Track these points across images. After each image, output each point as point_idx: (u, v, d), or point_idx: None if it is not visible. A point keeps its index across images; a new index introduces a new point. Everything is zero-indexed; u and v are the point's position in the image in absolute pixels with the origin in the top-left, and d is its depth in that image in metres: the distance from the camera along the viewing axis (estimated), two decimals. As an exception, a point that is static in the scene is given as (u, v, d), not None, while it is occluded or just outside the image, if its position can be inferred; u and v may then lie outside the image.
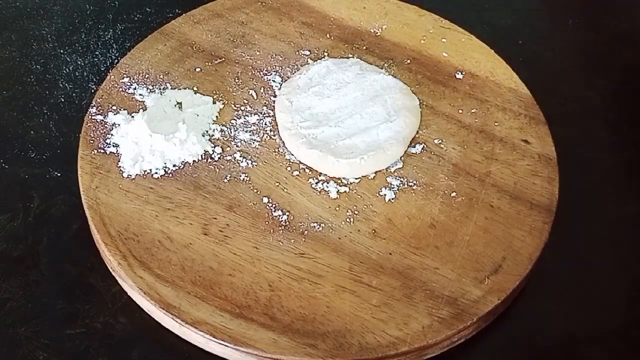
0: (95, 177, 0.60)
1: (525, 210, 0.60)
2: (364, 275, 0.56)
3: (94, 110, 0.65)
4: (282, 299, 0.54)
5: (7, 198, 0.63)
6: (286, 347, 0.52)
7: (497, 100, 0.68)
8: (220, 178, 0.61)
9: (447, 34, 0.74)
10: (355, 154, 0.62)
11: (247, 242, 0.57)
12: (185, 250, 0.57)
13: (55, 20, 0.77)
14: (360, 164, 0.61)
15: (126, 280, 0.55)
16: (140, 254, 0.56)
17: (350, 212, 0.60)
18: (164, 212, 0.59)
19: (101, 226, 0.57)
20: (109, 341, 0.55)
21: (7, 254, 0.60)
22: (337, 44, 0.72)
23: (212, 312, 0.53)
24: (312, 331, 0.53)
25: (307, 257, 0.57)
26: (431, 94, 0.68)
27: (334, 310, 0.54)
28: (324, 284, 0.55)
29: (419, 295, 0.55)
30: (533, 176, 0.63)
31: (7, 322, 0.56)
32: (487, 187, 0.62)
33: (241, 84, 0.68)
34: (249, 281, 0.55)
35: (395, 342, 0.53)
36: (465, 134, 0.65)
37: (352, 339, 0.53)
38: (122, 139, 0.63)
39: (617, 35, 0.81)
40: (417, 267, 0.57)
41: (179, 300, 0.54)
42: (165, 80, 0.68)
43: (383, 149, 0.62)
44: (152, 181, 0.61)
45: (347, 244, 0.58)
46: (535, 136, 0.66)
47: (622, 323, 0.59)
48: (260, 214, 0.59)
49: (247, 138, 0.64)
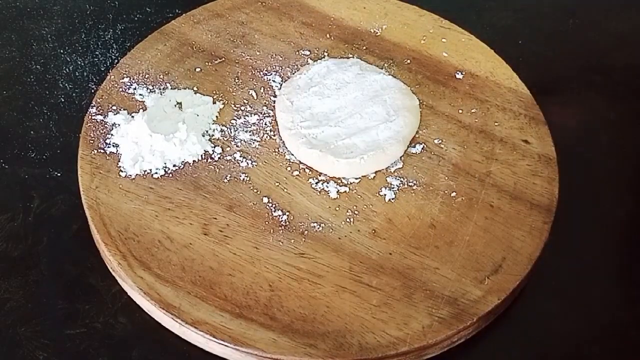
0: (95, 177, 0.60)
1: (525, 210, 0.60)
2: (364, 275, 0.56)
3: (94, 110, 0.65)
4: (282, 299, 0.54)
5: (7, 198, 0.63)
6: (286, 347, 0.52)
7: (497, 100, 0.68)
8: (220, 178, 0.61)
9: (447, 34, 0.74)
10: (355, 153, 0.62)
11: (247, 242, 0.57)
12: (185, 250, 0.57)
13: (55, 20, 0.77)
14: (359, 163, 0.61)
15: (126, 280, 0.55)
16: (140, 254, 0.56)
17: (350, 212, 0.60)
18: (164, 212, 0.59)
19: (101, 226, 0.57)
20: (109, 341, 0.55)
21: (7, 254, 0.60)
22: (337, 44, 0.72)
23: (212, 312, 0.53)
24: (312, 331, 0.53)
25: (307, 257, 0.57)
26: (431, 94, 0.68)
27: (334, 310, 0.54)
28: (324, 284, 0.55)
29: (419, 295, 0.55)
30: (533, 176, 0.63)
31: (7, 322, 0.56)
32: (487, 187, 0.62)
33: (241, 84, 0.68)
34: (249, 281, 0.55)
35: (395, 342, 0.53)
36: (465, 134, 0.65)
37: (352, 339, 0.53)
38: (122, 139, 0.63)
39: (617, 35, 0.81)
40: (417, 267, 0.57)
41: (179, 300, 0.54)
42: (165, 80, 0.68)
43: (382, 149, 0.62)
44: (152, 181, 0.61)
45: (347, 244, 0.58)
46: (536, 136, 0.66)
47: (622, 323, 0.59)
48: (260, 214, 0.59)
49: (247, 138, 0.64)
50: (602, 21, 0.83)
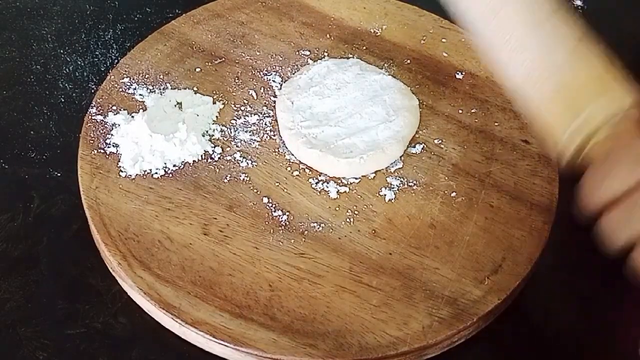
0: (95, 177, 0.60)
1: (525, 210, 0.60)
2: (364, 275, 0.56)
3: (94, 110, 0.65)
4: (282, 299, 0.54)
5: (7, 198, 0.63)
6: (286, 347, 0.52)
7: (497, 100, 0.68)
8: (220, 178, 0.61)
9: (447, 34, 0.74)
10: (354, 153, 0.62)
11: (247, 242, 0.57)
12: (185, 250, 0.57)
13: (55, 20, 0.77)
14: (359, 163, 0.61)
15: (126, 280, 0.55)
16: (140, 254, 0.56)
17: (350, 212, 0.60)
18: (164, 212, 0.59)
19: (101, 226, 0.57)
20: (109, 341, 0.55)
21: (7, 254, 0.59)
22: (337, 44, 0.72)
23: (212, 312, 0.53)
24: (312, 331, 0.53)
25: (307, 257, 0.57)
26: (431, 94, 0.68)
27: (333, 310, 0.54)
28: (324, 284, 0.55)
29: (419, 295, 0.55)
30: (533, 176, 0.63)
31: (7, 322, 0.56)
32: (487, 187, 0.62)
33: (241, 84, 0.68)
34: (249, 281, 0.55)
35: (395, 342, 0.53)
36: (465, 134, 0.65)
37: (352, 339, 0.53)
38: (122, 139, 0.63)
39: (617, 35, 0.81)
40: (417, 267, 0.57)
41: (179, 300, 0.54)
42: (165, 80, 0.68)
43: (382, 149, 0.62)
44: (152, 181, 0.61)
45: (347, 244, 0.58)
46: (535, 136, 0.66)
47: (622, 322, 0.59)
48: (260, 214, 0.59)
49: (247, 138, 0.64)
50: (602, 21, 0.83)
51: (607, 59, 0.50)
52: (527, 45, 0.51)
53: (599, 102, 0.49)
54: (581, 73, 0.50)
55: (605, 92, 0.49)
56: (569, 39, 0.50)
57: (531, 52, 0.51)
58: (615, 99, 0.49)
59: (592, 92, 0.49)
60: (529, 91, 0.51)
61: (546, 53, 0.50)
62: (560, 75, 0.50)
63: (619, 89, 0.49)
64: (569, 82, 0.49)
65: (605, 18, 0.82)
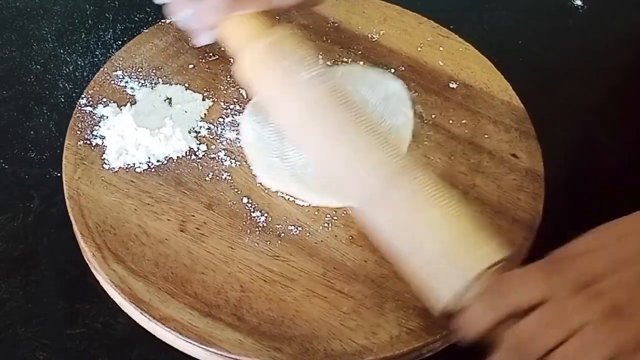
0: (78, 167, 0.61)
1: (506, 225, 0.59)
2: (337, 281, 0.56)
3: (84, 101, 0.65)
4: (252, 301, 0.54)
5: (7, 198, 0.63)
6: (251, 349, 0.52)
7: (490, 112, 0.67)
8: (202, 175, 0.61)
9: (445, 42, 0.73)
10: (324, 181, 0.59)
11: (223, 242, 0.57)
12: (161, 246, 0.57)
13: (55, 20, 0.77)
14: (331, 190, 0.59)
15: (99, 272, 0.56)
16: (116, 246, 0.56)
17: (329, 217, 0.59)
18: (143, 206, 0.59)
19: (79, 217, 0.58)
20: (109, 341, 0.55)
21: (7, 254, 0.59)
22: (332, 47, 0.72)
23: (180, 309, 0.53)
24: (278, 334, 0.53)
25: (281, 260, 0.57)
26: (422, 103, 0.68)
27: (302, 314, 0.54)
28: (295, 287, 0.55)
29: (390, 305, 0.55)
30: (518, 191, 0.62)
31: (7, 322, 0.56)
32: (470, 200, 0.61)
33: (232, 82, 0.68)
34: (221, 280, 0.55)
35: (362, 351, 0.52)
36: (453, 144, 0.65)
37: (318, 344, 0.52)
38: (109, 131, 0.63)
39: (617, 35, 0.80)
40: (391, 277, 0.56)
41: (149, 296, 0.54)
42: (157, 75, 0.68)
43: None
44: (134, 175, 0.61)
45: (323, 249, 0.57)
46: (525, 151, 0.65)
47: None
48: (239, 213, 0.59)
49: (233, 137, 0.64)
50: (602, 21, 0.82)
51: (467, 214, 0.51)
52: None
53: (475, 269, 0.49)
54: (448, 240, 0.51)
55: (476, 255, 0.50)
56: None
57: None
58: (487, 259, 0.50)
59: (467, 259, 0.50)
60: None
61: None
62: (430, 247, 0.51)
63: (488, 246, 0.50)
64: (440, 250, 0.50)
65: (605, 18, 0.82)
